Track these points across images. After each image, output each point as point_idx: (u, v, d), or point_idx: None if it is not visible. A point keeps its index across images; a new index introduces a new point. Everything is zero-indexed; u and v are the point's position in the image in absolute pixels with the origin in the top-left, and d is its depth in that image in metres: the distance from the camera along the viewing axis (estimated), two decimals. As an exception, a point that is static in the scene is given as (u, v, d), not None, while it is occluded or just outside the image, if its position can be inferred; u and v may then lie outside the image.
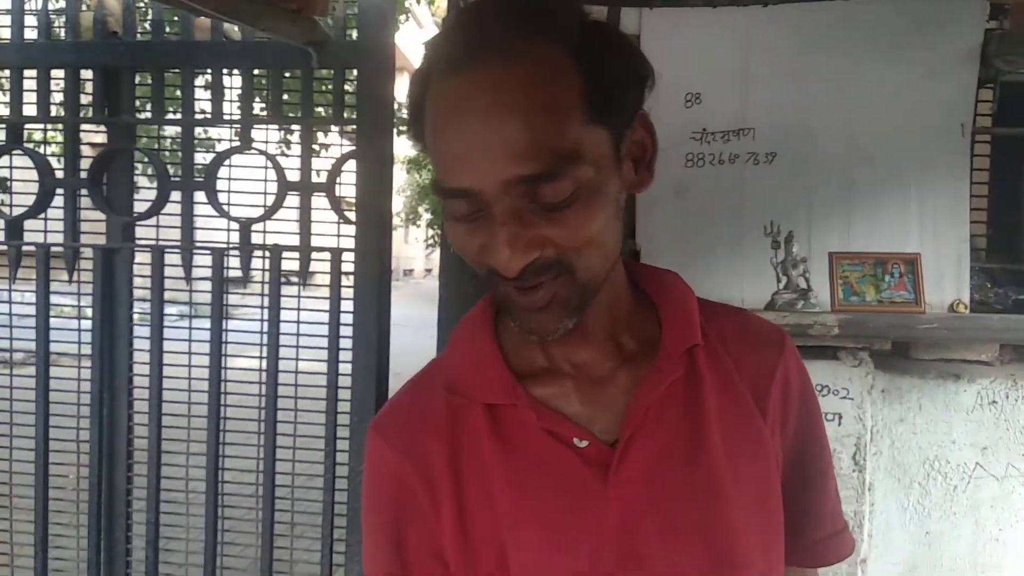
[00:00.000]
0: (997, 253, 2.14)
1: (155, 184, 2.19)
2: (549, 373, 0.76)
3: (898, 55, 1.92)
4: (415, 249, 29.34)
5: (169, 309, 2.19)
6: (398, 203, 22.18)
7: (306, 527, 2.21)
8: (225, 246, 2.13)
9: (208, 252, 2.12)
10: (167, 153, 2.35)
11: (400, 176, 19.51)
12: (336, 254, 2.09)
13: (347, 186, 2.08)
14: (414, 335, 4.98)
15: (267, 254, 2.11)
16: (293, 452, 2.11)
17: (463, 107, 0.62)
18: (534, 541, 0.72)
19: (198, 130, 2.29)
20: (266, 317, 2.10)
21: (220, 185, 2.13)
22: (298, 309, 2.13)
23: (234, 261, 2.12)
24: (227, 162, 2.13)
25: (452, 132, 0.63)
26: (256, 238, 2.13)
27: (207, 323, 2.10)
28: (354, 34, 2.07)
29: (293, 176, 2.10)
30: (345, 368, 2.05)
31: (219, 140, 2.51)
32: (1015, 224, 2.12)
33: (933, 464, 1.83)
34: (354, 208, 2.05)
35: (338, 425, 2.06)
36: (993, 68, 1.97)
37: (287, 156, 2.53)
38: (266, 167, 2.11)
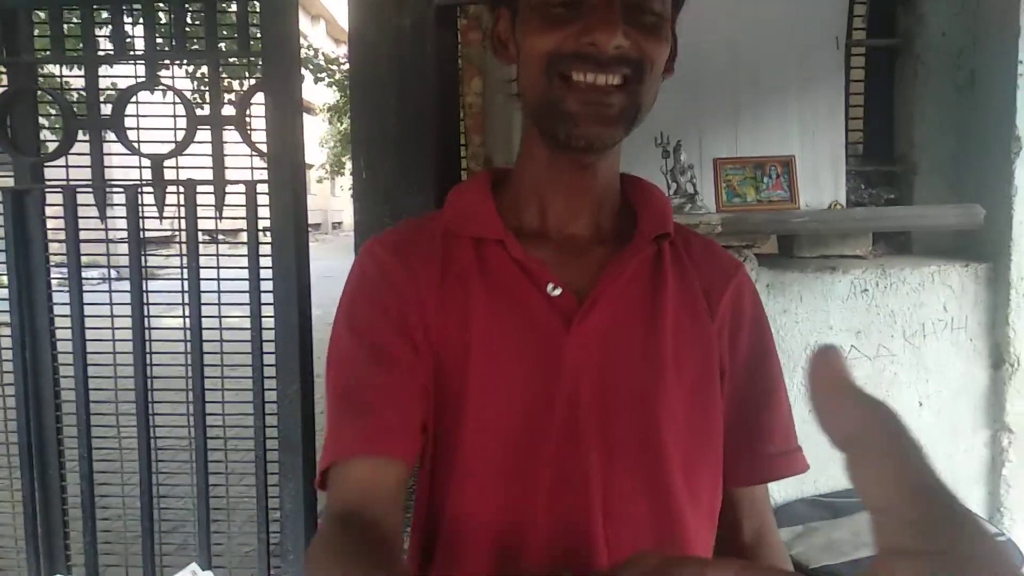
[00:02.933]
0: (871, 157, 2.31)
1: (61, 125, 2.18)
2: (536, 235, 0.85)
3: (775, -26, 2.05)
4: (343, 201, 28.89)
5: (85, 249, 2.19)
6: (323, 155, 21.75)
7: (241, 459, 2.27)
8: (138, 183, 2.14)
9: (121, 190, 2.13)
10: (74, 94, 2.32)
11: (322, 127, 19.08)
12: (251, 187, 2.12)
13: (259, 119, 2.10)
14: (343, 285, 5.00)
15: (181, 189, 2.13)
16: (221, 369, 2.15)
17: None
18: (494, 366, 0.78)
19: (106, 70, 2.27)
20: (186, 252, 2.14)
21: (130, 123, 2.13)
22: (216, 242, 2.16)
23: (149, 199, 2.14)
24: (136, 100, 2.13)
25: None
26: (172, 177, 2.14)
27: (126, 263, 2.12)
28: (255, -34, 2.08)
29: (206, 113, 2.11)
30: (268, 298, 2.10)
31: (123, 77, 2.47)
32: (888, 129, 2.28)
33: (813, 348, 2.01)
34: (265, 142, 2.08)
35: (264, 341, 2.11)
36: (864, -16, 2.12)
37: (198, 91, 2.52)
38: (175, 103, 2.12)
